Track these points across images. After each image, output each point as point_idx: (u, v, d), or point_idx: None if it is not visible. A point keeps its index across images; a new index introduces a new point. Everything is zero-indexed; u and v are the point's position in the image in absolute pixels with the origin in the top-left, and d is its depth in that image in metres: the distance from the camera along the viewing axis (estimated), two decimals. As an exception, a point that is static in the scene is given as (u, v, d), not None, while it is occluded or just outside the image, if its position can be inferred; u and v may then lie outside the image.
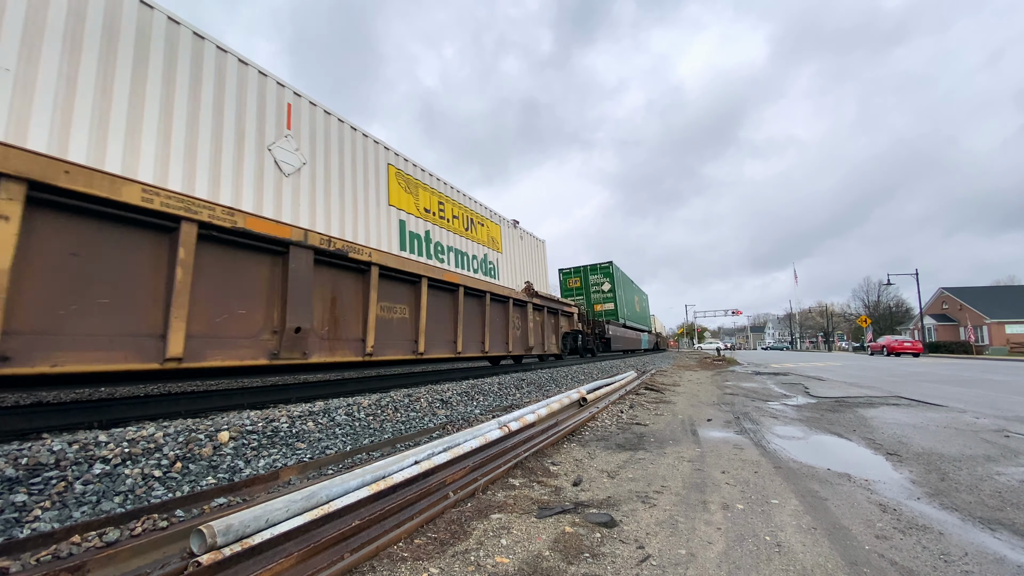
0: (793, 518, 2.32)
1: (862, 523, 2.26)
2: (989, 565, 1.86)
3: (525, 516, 2.29)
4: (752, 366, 17.32)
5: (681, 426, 4.77)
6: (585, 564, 1.82)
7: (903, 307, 64.61)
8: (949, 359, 24.48)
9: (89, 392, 5.92)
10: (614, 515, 2.31)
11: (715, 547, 2.00)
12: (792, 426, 4.77)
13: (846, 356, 31.89)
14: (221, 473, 2.77)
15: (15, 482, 2.13)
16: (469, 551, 1.91)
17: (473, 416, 5.06)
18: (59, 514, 2.11)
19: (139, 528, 2.06)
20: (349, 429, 3.79)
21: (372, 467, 2.48)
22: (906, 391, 7.80)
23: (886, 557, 1.91)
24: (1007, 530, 2.19)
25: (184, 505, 2.32)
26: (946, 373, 12.31)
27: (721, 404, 6.45)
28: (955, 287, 49.17)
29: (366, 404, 4.22)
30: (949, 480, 2.94)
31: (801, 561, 1.88)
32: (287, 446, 3.25)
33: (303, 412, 3.63)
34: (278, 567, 1.61)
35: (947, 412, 5.52)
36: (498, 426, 3.73)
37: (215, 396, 4.08)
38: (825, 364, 18.44)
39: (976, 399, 6.72)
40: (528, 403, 5.99)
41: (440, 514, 2.25)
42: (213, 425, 3.04)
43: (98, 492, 2.29)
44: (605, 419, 5.02)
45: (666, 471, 3.13)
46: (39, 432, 2.89)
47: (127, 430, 2.74)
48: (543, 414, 4.57)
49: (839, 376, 11.44)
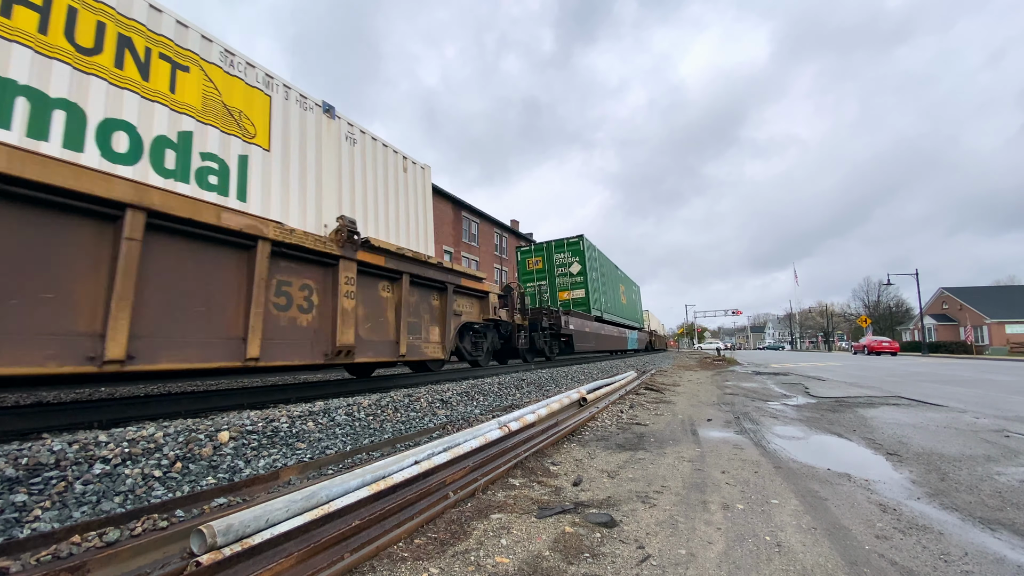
0: (793, 518, 2.32)
1: (862, 523, 2.26)
2: (989, 565, 1.86)
3: (525, 516, 2.28)
4: (752, 366, 17.32)
5: (681, 426, 4.77)
6: (585, 564, 1.82)
7: (903, 307, 64.64)
8: (949, 359, 24.48)
9: (89, 392, 5.92)
10: (614, 515, 2.31)
11: (715, 547, 2.00)
12: (792, 426, 4.77)
13: (846, 356, 31.93)
14: (221, 473, 2.77)
15: (15, 482, 2.13)
16: (469, 551, 1.91)
17: (473, 416, 5.06)
18: (59, 514, 2.11)
19: (139, 528, 2.06)
20: (349, 429, 3.79)
21: (372, 467, 2.48)
22: (906, 391, 7.80)
23: (886, 557, 1.91)
24: (1007, 530, 2.19)
25: (184, 505, 2.32)
26: (946, 373, 12.30)
27: (721, 404, 6.45)
28: (955, 287, 49.18)
29: (366, 404, 4.22)
30: (949, 480, 2.94)
31: (801, 561, 1.88)
32: (287, 446, 3.25)
33: (303, 412, 3.63)
34: (278, 567, 1.61)
35: (947, 412, 5.52)
36: (498, 426, 3.73)
37: (215, 396, 4.08)
38: (825, 364, 18.44)
39: (976, 399, 6.72)
40: (528, 403, 5.99)
41: (440, 514, 2.25)
42: (213, 425, 3.04)
43: (98, 492, 2.29)
44: (605, 419, 5.02)
45: (666, 471, 3.13)
46: (39, 432, 2.89)
47: (127, 430, 2.74)
48: (543, 414, 4.57)
49: (839, 376, 11.43)
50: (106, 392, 6.22)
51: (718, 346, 45.27)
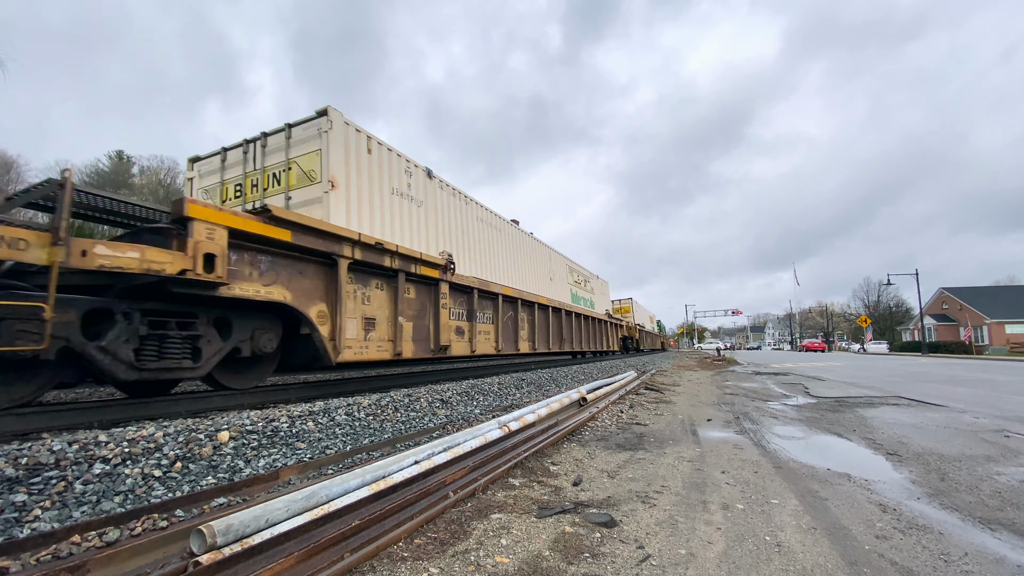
0: (793, 518, 2.32)
1: (862, 523, 2.26)
2: (989, 565, 1.86)
3: (525, 516, 2.29)
4: (752, 366, 17.32)
5: (681, 426, 4.77)
6: (585, 564, 1.82)
7: (903, 307, 64.56)
8: (949, 359, 24.48)
9: (89, 392, 5.93)
10: (614, 515, 2.31)
11: (715, 547, 2.00)
12: (792, 426, 4.77)
13: (846, 356, 31.93)
14: (221, 473, 2.77)
15: (15, 482, 2.13)
16: (469, 551, 1.91)
17: (473, 416, 5.06)
18: (59, 514, 2.11)
19: (139, 528, 2.06)
20: (349, 429, 3.79)
21: (372, 467, 2.48)
22: (906, 391, 7.80)
23: (886, 557, 1.91)
24: (1007, 530, 2.19)
25: (184, 505, 2.32)
26: (946, 373, 12.31)
27: (721, 404, 6.45)
28: (955, 287, 49.12)
29: (366, 404, 4.22)
30: (949, 480, 2.94)
31: (801, 561, 1.88)
32: (287, 446, 3.25)
33: (303, 412, 3.63)
34: (278, 567, 1.61)
35: (947, 412, 5.52)
36: (498, 426, 3.73)
37: (215, 396, 4.08)
38: (825, 364, 18.44)
39: (976, 399, 6.72)
40: (528, 403, 5.99)
41: (440, 514, 2.25)
42: (213, 425, 3.04)
43: (98, 492, 2.29)
44: (605, 419, 5.02)
45: (666, 471, 3.13)
46: (39, 432, 2.89)
47: (127, 430, 2.74)
48: (543, 414, 4.57)
49: (839, 376, 11.43)
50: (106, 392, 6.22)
51: (718, 346, 45.30)
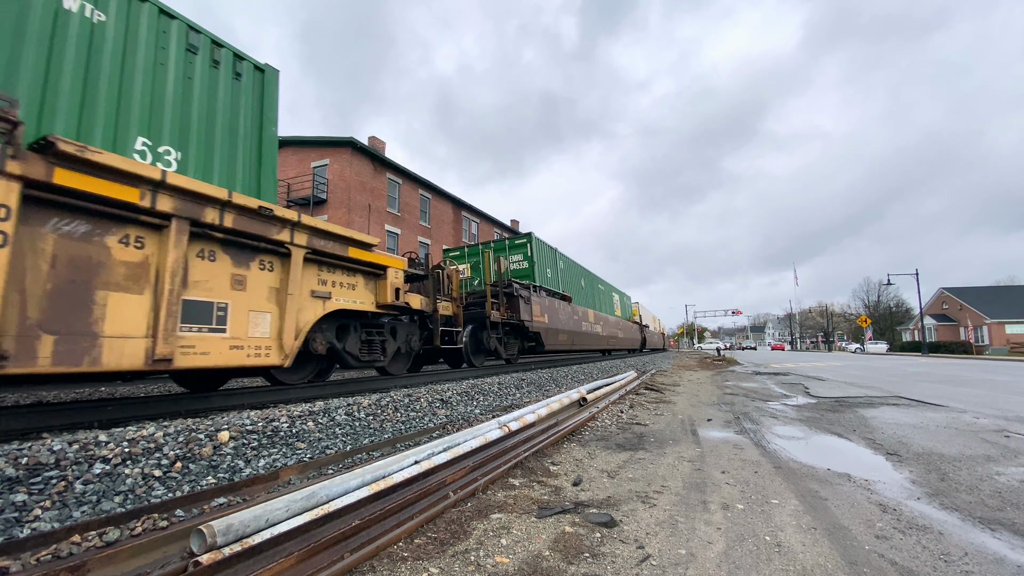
0: (793, 518, 2.32)
1: (862, 523, 2.26)
2: (989, 565, 1.86)
3: (525, 516, 2.28)
4: (752, 366, 17.32)
5: (681, 426, 4.77)
6: (585, 564, 1.82)
7: (903, 307, 64.53)
8: (949, 359, 24.48)
9: (89, 392, 5.93)
10: (614, 515, 2.31)
11: (715, 547, 2.00)
12: (792, 426, 4.77)
13: (846, 356, 31.93)
14: (221, 473, 2.77)
15: (15, 482, 2.13)
16: (469, 551, 1.91)
17: (473, 416, 5.06)
18: (59, 514, 2.11)
19: (139, 528, 2.06)
20: (349, 429, 3.79)
21: (372, 467, 2.48)
22: (906, 391, 7.80)
23: (886, 557, 1.91)
24: (1007, 530, 2.19)
25: (184, 505, 2.32)
26: (946, 373, 12.31)
27: (721, 404, 6.45)
28: (955, 287, 49.12)
29: (366, 404, 4.22)
30: (949, 480, 2.94)
31: (801, 561, 1.88)
32: (287, 446, 3.25)
33: (303, 412, 3.63)
34: (278, 567, 1.61)
35: (947, 412, 5.52)
36: (498, 426, 3.73)
37: (215, 396, 4.08)
38: (825, 364, 18.44)
39: (976, 399, 6.72)
40: (528, 403, 5.99)
41: (440, 514, 2.25)
42: (213, 425, 3.04)
43: (98, 492, 2.29)
44: (605, 419, 5.02)
45: (666, 471, 3.13)
46: (39, 432, 2.89)
47: (127, 430, 2.74)
48: (543, 414, 4.57)
49: (839, 376, 11.43)
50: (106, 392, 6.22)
51: (718, 346, 45.30)
